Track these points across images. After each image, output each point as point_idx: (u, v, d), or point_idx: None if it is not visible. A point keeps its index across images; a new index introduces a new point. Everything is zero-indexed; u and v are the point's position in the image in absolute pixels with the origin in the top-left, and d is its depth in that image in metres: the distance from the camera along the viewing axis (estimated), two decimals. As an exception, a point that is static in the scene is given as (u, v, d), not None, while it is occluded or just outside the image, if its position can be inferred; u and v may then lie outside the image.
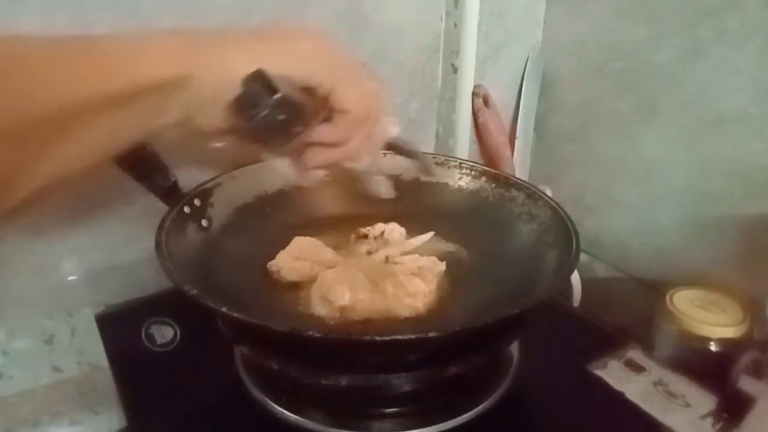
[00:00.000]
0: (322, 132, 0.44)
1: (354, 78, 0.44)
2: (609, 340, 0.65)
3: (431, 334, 0.41)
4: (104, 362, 0.64)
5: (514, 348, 0.60)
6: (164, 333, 0.63)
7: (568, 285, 0.78)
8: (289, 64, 0.40)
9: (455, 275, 0.60)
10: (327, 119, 0.44)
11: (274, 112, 0.40)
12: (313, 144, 0.45)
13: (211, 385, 0.59)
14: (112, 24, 0.59)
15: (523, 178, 0.80)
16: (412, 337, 0.40)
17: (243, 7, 0.67)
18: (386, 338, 0.40)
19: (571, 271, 0.51)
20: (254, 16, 0.67)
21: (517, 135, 0.85)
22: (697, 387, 0.58)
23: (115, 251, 0.70)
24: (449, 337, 0.42)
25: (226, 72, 0.38)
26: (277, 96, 0.39)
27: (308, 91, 0.42)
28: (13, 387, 0.68)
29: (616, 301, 0.81)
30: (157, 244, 0.51)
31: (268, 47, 0.40)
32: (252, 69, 0.38)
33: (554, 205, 0.61)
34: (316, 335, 0.40)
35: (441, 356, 0.47)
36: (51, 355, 0.70)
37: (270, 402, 0.54)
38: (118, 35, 0.36)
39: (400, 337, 0.40)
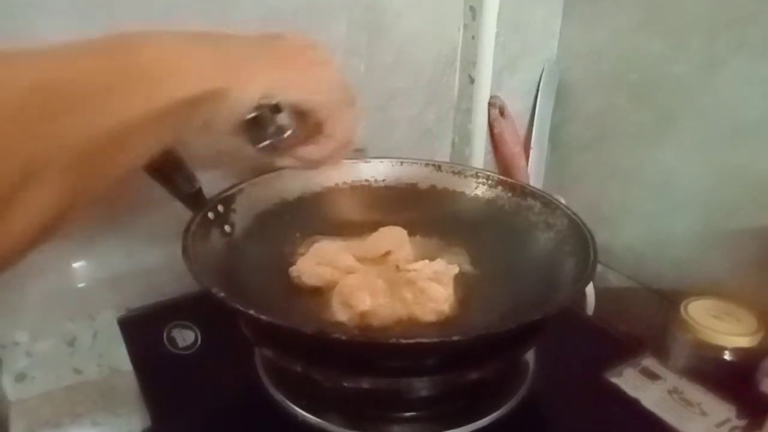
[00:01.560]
0: (307, 151, 0.52)
1: (347, 108, 0.50)
2: (624, 349, 0.65)
3: (455, 338, 0.42)
4: (124, 365, 0.65)
5: (530, 355, 0.61)
6: (185, 336, 0.64)
7: (583, 295, 0.79)
8: (302, 95, 0.46)
9: (472, 283, 0.61)
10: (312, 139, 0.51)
11: (277, 132, 0.47)
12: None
13: (232, 388, 0.60)
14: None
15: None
16: (436, 340, 0.41)
17: (265, 18, 0.68)
18: (411, 341, 0.41)
19: (591, 278, 0.51)
20: (276, 27, 0.69)
21: (531, 145, 0.86)
22: (713, 395, 0.58)
23: (137, 256, 0.71)
24: (472, 341, 0.42)
25: (247, 92, 0.42)
26: (284, 122, 0.46)
27: (306, 114, 0.48)
28: (35, 389, 0.69)
29: (629, 311, 0.81)
30: (184, 249, 0.52)
31: (287, 76, 0.45)
32: (269, 93, 0.43)
33: (571, 214, 0.62)
34: (343, 338, 0.41)
35: (462, 361, 0.48)
36: (72, 358, 0.71)
37: (290, 404, 0.54)
38: (145, 41, 0.37)
39: (424, 340, 0.41)
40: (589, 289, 0.79)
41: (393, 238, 0.66)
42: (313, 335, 0.42)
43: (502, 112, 0.83)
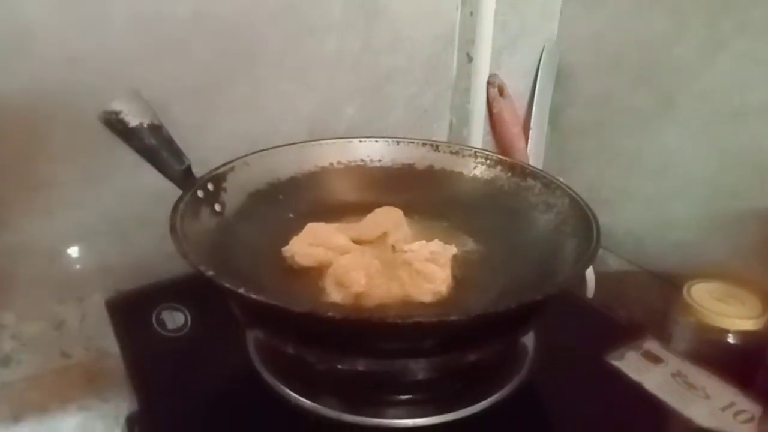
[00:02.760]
0: None
1: None
2: (625, 332, 0.64)
3: (453, 318, 0.40)
4: (113, 348, 0.63)
5: (529, 339, 0.59)
6: (175, 318, 0.63)
7: (583, 278, 0.78)
8: None
9: (470, 264, 0.59)
10: None
11: None
12: None
13: (223, 371, 0.58)
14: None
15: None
16: (434, 320, 0.40)
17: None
18: (408, 321, 0.39)
19: (594, 257, 0.50)
20: (268, 6, 0.67)
21: (531, 126, 0.85)
22: (717, 379, 0.57)
23: (127, 236, 0.69)
24: (471, 322, 0.41)
25: None
26: None
27: None
28: (21, 372, 0.68)
29: (629, 294, 0.80)
30: (172, 227, 0.50)
31: None
32: None
33: (572, 194, 0.60)
34: (337, 317, 0.39)
35: (460, 342, 0.46)
36: (60, 341, 0.69)
37: (283, 387, 0.53)
38: None
39: (422, 319, 0.39)
40: (589, 273, 0.78)
41: (389, 218, 0.64)
42: (304, 314, 0.40)
43: (501, 92, 0.82)
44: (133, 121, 0.55)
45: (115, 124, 0.55)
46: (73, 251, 0.67)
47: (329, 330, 0.43)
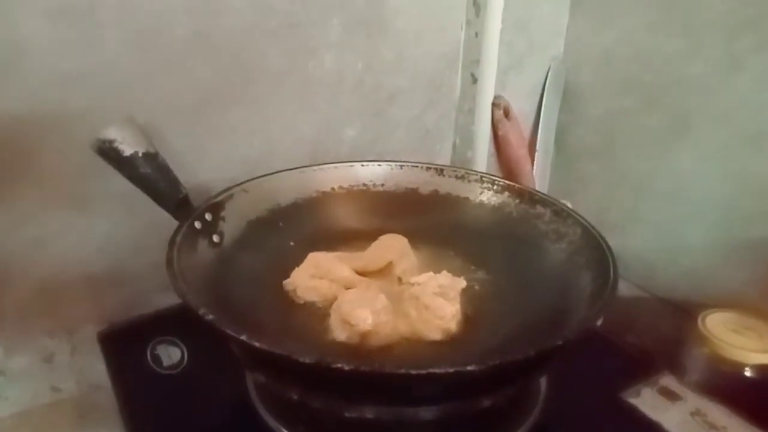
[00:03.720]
0: None
1: None
2: (639, 365, 0.62)
3: (470, 368, 0.37)
4: (105, 382, 0.61)
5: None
6: (171, 354, 0.60)
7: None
8: None
9: (479, 297, 0.57)
10: None
11: None
12: None
13: (222, 413, 0.56)
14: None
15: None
16: (450, 370, 0.37)
17: (261, 11, 0.64)
18: (423, 372, 0.37)
19: (614, 296, 0.47)
20: (272, 19, 0.65)
21: (537, 148, 0.83)
22: (738, 418, 0.55)
23: (121, 265, 0.67)
24: (489, 371, 0.38)
25: None
26: None
27: None
28: (9, 408, 0.64)
29: (639, 321, 0.78)
30: (168, 261, 0.48)
31: None
32: None
33: (584, 223, 0.58)
34: (346, 368, 0.37)
35: (474, 389, 0.44)
36: (50, 375, 0.66)
37: (284, 430, 0.50)
38: None
39: (437, 370, 0.37)
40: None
41: (394, 247, 0.62)
42: (311, 365, 0.37)
43: (506, 113, 0.79)
44: (127, 149, 0.53)
45: (108, 152, 0.53)
46: (63, 281, 0.64)
47: (336, 379, 0.41)
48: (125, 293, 0.68)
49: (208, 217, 0.57)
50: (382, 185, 0.69)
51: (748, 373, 0.61)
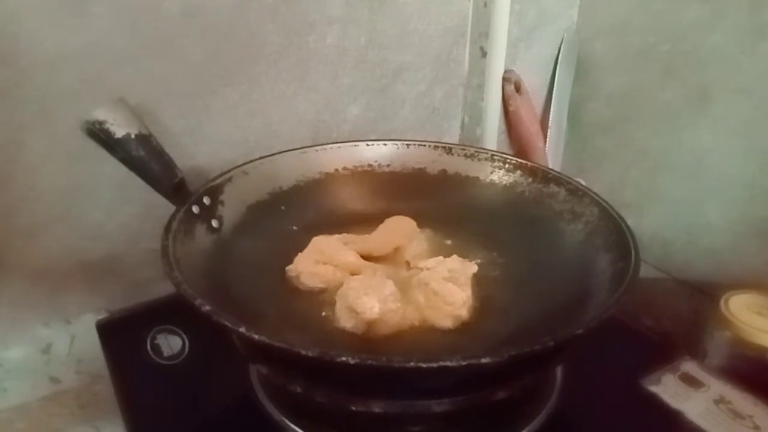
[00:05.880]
0: None
1: None
2: (657, 350, 0.59)
3: (484, 360, 0.35)
4: (105, 372, 0.59)
5: (557, 363, 0.54)
6: (172, 343, 0.58)
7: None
8: None
9: (492, 282, 0.55)
10: None
11: None
12: None
13: (224, 403, 0.54)
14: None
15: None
16: (463, 363, 0.35)
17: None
18: (434, 365, 0.34)
19: (636, 281, 0.45)
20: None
21: (549, 124, 0.79)
22: (764, 406, 0.52)
23: (118, 253, 0.65)
24: (505, 362, 0.36)
25: None
26: None
27: None
28: (7, 401, 0.63)
29: (656, 303, 0.75)
30: (164, 249, 0.46)
31: None
32: None
33: (602, 202, 0.56)
34: (351, 361, 0.34)
35: (488, 381, 0.41)
36: (48, 366, 0.65)
37: (290, 424, 0.48)
38: None
39: (449, 363, 0.34)
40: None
41: (401, 230, 0.60)
42: (314, 358, 0.35)
43: (518, 88, 0.76)
44: (119, 131, 0.50)
45: (99, 134, 0.50)
46: (59, 270, 0.62)
47: (341, 373, 0.38)
48: (124, 281, 0.66)
49: (206, 201, 0.55)
50: (388, 165, 0.67)
51: (771, 357, 0.58)
